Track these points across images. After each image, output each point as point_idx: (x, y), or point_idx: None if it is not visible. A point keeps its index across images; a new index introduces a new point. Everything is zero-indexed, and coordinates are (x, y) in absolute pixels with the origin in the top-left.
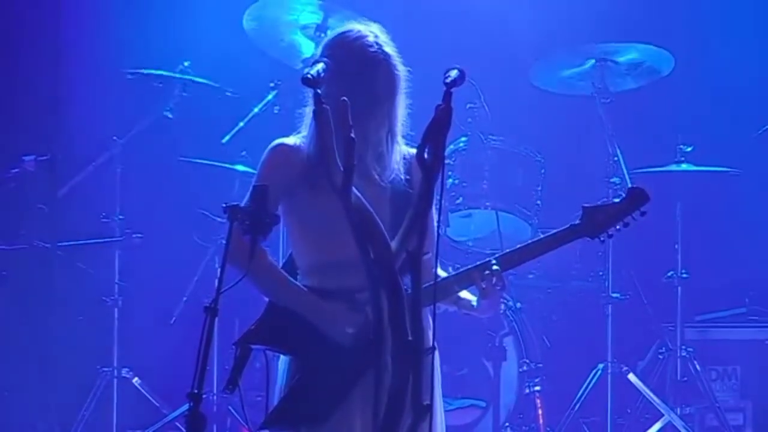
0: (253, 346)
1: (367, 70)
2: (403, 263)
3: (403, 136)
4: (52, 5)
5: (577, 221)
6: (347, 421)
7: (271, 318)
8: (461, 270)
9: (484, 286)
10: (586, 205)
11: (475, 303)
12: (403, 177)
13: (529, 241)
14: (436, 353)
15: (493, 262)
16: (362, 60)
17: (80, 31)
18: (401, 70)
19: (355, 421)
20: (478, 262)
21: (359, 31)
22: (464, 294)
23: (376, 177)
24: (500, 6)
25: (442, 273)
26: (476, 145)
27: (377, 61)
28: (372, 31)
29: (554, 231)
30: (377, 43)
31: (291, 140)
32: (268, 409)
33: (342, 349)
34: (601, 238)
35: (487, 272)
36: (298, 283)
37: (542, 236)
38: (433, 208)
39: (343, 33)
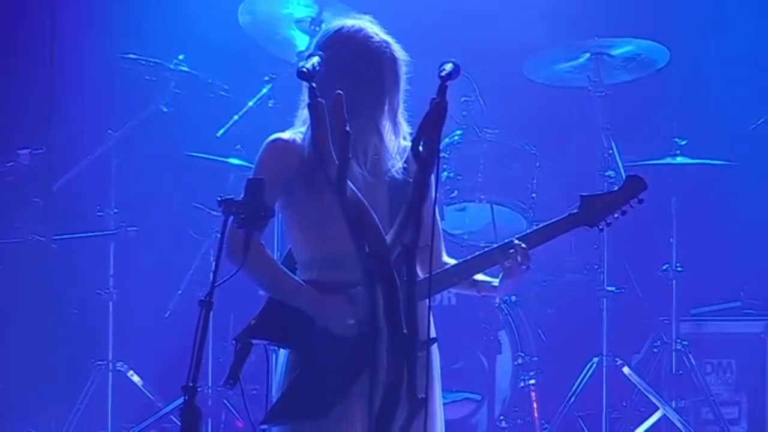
0: (253, 341)
1: (373, 61)
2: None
3: (407, 121)
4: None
5: (575, 210)
6: (348, 414)
7: (272, 312)
8: (481, 252)
9: (508, 265)
10: (583, 194)
11: (496, 283)
12: (402, 168)
13: (526, 231)
14: (435, 347)
15: (516, 240)
16: (367, 51)
17: (75, 25)
18: (403, 56)
19: (355, 414)
20: (499, 243)
21: (354, 24)
22: (480, 276)
23: (378, 169)
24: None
25: (451, 261)
26: (471, 138)
27: (381, 50)
28: (366, 24)
29: (552, 220)
30: (376, 33)
31: (288, 134)
32: (267, 402)
33: (342, 342)
34: (600, 227)
35: (511, 251)
36: (296, 277)
37: (539, 226)
38: (434, 200)
39: (341, 28)
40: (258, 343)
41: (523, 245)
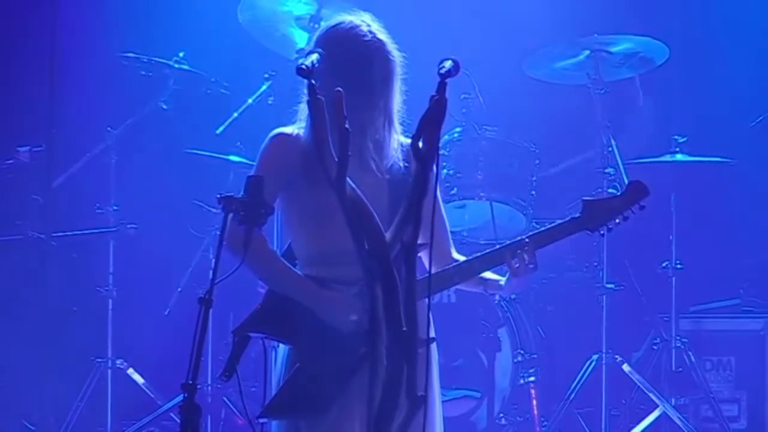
0: (251, 334)
1: (363, 60)
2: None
3: (401, 123)
4: None
5: (578, 214)
6: (346, 410)
7: (271, 306)
8: (490, 250)
9: (516, 265)
10: (586, 198)
11: (503, 282)
12: (402, 165)
13: (530, 233)
14: (434, 345)
15: (526, 240)
16: (357, 50)
17: (76, 23)
18: (397, 56)
19: (354, 410)
20: (509, 241)
21: (351, 22)
22: (488, 275)
23: (375, 166)
24: None
25: (461, 258)
26: (471, 135)
27: (372, 49)
28: (364, 21)
29: (554, 224)
30: (371, 32)
31: (290, 129)
32: (265, 399)
33: (341, 338)
34: (601, 232)
35: (519, 251)
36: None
37: (541, 229)
38: (438, 197)
39: (336, 25)
40: (256, 336)
41: (528, 246)
